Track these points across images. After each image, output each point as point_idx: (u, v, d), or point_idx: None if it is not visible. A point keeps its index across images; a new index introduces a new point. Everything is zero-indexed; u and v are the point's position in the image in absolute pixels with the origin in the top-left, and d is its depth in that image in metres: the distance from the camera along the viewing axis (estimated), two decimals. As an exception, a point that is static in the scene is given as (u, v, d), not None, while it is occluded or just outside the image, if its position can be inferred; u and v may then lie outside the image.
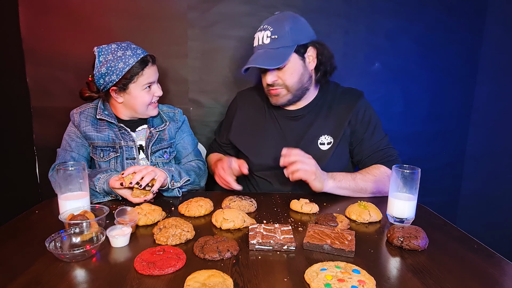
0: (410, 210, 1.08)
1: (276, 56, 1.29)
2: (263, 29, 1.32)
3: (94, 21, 1.70)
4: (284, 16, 1.33)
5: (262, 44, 1.32)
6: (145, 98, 1.37)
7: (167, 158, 1.48)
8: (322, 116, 1.43)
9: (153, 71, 1.38)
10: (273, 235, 0.93)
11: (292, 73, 1.33)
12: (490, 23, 1.89)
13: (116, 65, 1.31)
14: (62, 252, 0.84)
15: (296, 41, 1.30)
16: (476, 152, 2.04)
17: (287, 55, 1.29)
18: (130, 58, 1.32)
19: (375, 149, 1.40)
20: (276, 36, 1.29)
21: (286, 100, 1.39)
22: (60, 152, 1.39)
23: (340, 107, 1.43)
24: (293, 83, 1.34)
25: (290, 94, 1.37)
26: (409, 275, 0.81)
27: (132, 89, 1.35)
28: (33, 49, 1.71)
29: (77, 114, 1.41)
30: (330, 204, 1.26)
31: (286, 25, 1.29)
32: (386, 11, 1.81)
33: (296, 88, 1.36)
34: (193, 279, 0.74)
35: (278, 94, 1.37)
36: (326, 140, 1.40)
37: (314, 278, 0.75)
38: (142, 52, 1.36)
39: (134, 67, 1.32)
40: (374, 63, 1.87)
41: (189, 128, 1.60)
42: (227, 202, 1.19)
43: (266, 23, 1.33)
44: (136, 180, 1.16)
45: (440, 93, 1.95)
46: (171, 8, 1.73)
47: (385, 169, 1.36)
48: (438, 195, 2.06)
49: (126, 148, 1.41)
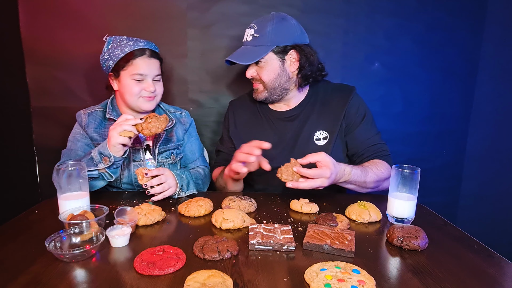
0: (410, 210, 1.08)
1: (251, 53, 1.37)
2: (250, 27, 1.40)
3: (94, 21, 1.70)
4: (271, 17, 1.39)
5: (245, 41, 1.41)
6: (133, 89, 1.36)
7: (173, 160, 1.50)
8: (316, 112, 1.46)
9: (145, 63, 1.36)
10: (273, 235, 0.93)
11: (268, 71, 1.39)
12: (490, 23, 1.89)
13: (114, 51, 1.36)
14: (62, 252, 0.84)
15: (275, 42, 1.36)
16: (476, 152, 2.04)
17: (261, 53, 1.36)
18: (128, 46, 1.35)
19: (369, 144, 1.42)
20: (257, 35, 1.37)
21: (264, 96, 1.44)
22: (65, 153, 1.38)
23: (334, 102, 1.46)
24: (268, 81, 1.40)
25: (267, 92, 1.43)
26: (409, 275, 0.81)
27: (122, 76, 1.37)
28: (33, 49, 1.71)
29: (85, 115, 1.42)
30: (330, 204, 1.26)
31: (269, 26, 1.36)
32: (386, 11, 1.81)
33: (272, 86, 1.41)
34: (193, 279, 0.74)
35: (256, 89, 1.45)
36: (322, 135, 1.43)
37: (314, 278, 0.75)
38: (145, 44, 1.38)
39: (128, 55, 1.34)
40: (374, 63, 1.87)
41: (196, 132, 1.61)
42: (227, 202, 1.19)
43: (254, 21, 1.40)
44: (151, 184, 1.21)
45: (440, 93, 1.95)
46: (170, 8, 1.73)
47: (387, 165, 1.38)
48: (438, 195, 2.06)
49: (133, 151, 1.41)
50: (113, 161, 1.21)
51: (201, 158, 1.59)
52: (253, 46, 1.38)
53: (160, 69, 1.44)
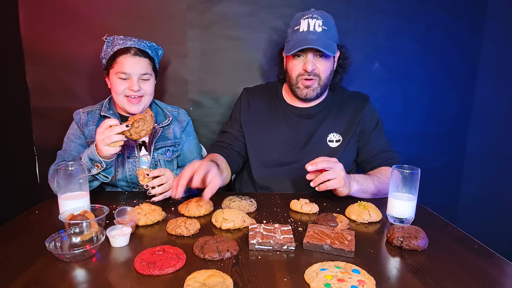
0: (410, 210, 1.08)
1: (328, 45, 1.33)
2: (313, 17, 1.34)
3: (94, 21, 1.70)
4: (326, 13, 1.38)
5: (313, 31, 1.33)
6: (118, 87, 1.36)
7: (169, 157, 1.49)
8: (332, 115, 1.48)
9: (129, 61, 1.35)
10: (273, 235, 0.93)
11: (328, 67, 1.38)
12: (490, 23, 1.89)
13: (107, 50, 1.39)
14: (62, 252, 0.84)
15: (336, 38, 1.38)
16: (476, 152, 2.04)
17: (335, 47, 1.36)
18: (117, 45, 1.37)
19: (381, 150, 1.44)
20: (326, 27, 1.34)
21: (315, 93, 1.41)
22: (60, 154, 1.40)
23: (349, 107, 1.48)
24: (325, 76, 1.39)
25: (319, 88, 1.40)
26: (409, 275, 0.81)
27: (110, 75, 1.38)
28: (33, 49, 1.71)
29: (84, 114, 1.42)
30: (330, 204, 1.26)
31: (331, 21, 1.37)
32: (386, 11, 1.81)
33: (325, 82, 1.41)
34: (193, 279, 0.74)
35: (310, 85, 1.39)
36: (335, 137, 1.44)
37: (314, 278, 0.75)
38: (134, 43, 1.38)
39: (114, 53, 1.36)
40: (374, 63, 1.87)
41: (194, 132, 1.61)
42: (227, 202, 1.19)
43: (314, 13, 1.36)
44: (152, 185, 1.20)
45: (440, 93, 1.95)
46: (170, 8, 1.73)
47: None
48: (438, 195, 2.06)
49: (127, 147, 1.41)
50: (105, 166, 1.22)
51: (199, 157, 1.58)
52: (325, 39, 1.33)
53: (153, 68, 1.43)
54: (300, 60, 1.37)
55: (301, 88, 1.40)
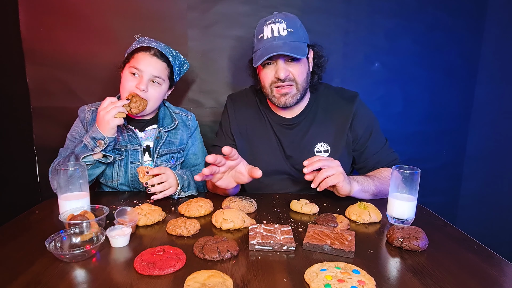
0: (410, 210, 1.08)
1: (296, 48, 1.24)
2: (276, 21, 1.26)
3: (94, 21, 1.70)
4: (285, 14, 1.31)
5: (278, 36, 1.25)
6: (126, 83, 1.34)
7: (173, 163, 1.46)
8: (317, 122, 1.40)
9: (145, 59, 1.35)
10: (273, 236, 0.93)
11: (303, 69, 1.30)
12: (490, 23, 1.89)
13: (132, 46, 1.41)
14: (62, 252, 0.84)
15: (305, 39, 1.31)
16: (476, 152, 2.04)
17: (305, 49, 1.27)
18: (143, 43, 1.39)
19: (379, 153, 1.40)
20: (291, 29, 1.25)
21: (295, 99, 1.32)
22: (62, 151, 1.38)
23: (336, 112, 1.39)
24: (302, 79, 1.30)
25: (299, 93, 1.31)
26: (409, 276, 0.81)
27: (124, 69, 1.38)
28: (33, 49, 1.71)
29: (89, 112, 1.41)
30: (330, 204, 1.26)
31: (297, 21, 1.30)
32: (386, 11, 1.81)
33: (304, 86, 1.32)
34: (193, 279, 0.74)
35: (288, 92, 1.30)
36: (323, 147, 1.37)
37: (314, 279, 0.75)
38: (156, 45, 1.39)
39: (134, 50, 1.37)
40: (374, 63, 1.87)
41: (200, 136, 1.60)
42: (227, 203, 1.19)
43: (277, 16, 1.28)
44: (152, 183, 1.22)
45: (440, 93, 1.95)
46: (171, 8, 1.73)
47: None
48: (438, 196, 2.06)
49: (132, 152, 1.40)
50: (107, 143, 1.24)
51: (203, 162, 1.56)
52: (292, 41, 1.25)
53: (169, 76, 1.42)
54: (272, 68, 1.29)
55: (277, 97, 1.32)
